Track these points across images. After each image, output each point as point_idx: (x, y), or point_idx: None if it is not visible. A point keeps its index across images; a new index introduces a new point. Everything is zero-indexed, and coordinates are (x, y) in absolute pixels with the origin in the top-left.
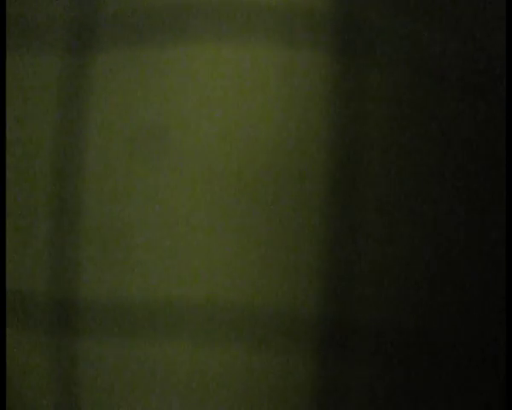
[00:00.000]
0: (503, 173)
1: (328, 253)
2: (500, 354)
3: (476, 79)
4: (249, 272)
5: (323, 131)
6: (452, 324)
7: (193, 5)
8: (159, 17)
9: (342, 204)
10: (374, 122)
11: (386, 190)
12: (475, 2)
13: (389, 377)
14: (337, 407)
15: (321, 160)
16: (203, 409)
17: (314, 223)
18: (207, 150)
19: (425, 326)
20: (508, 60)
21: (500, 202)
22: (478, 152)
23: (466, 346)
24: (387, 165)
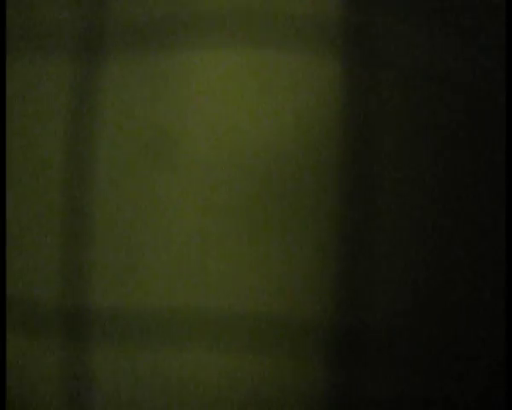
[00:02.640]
0: (504, 173)
1: (338, 261)
2: (501, 354)
3: (479, 80)
4: (259, 280)
5: (334, 136)
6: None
7: (202, 12)
8: (167, 23)
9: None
10: (382, 122)
11: (393, 191)
12: (477, 8)
13: (399, 381)
14: None
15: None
16: None
17: (326, 230)
18: (215, 155)
19: (432, 330)
20: (508, 60)
21: (500, 205)
22: (481, 152)
23: (469, 348)
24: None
